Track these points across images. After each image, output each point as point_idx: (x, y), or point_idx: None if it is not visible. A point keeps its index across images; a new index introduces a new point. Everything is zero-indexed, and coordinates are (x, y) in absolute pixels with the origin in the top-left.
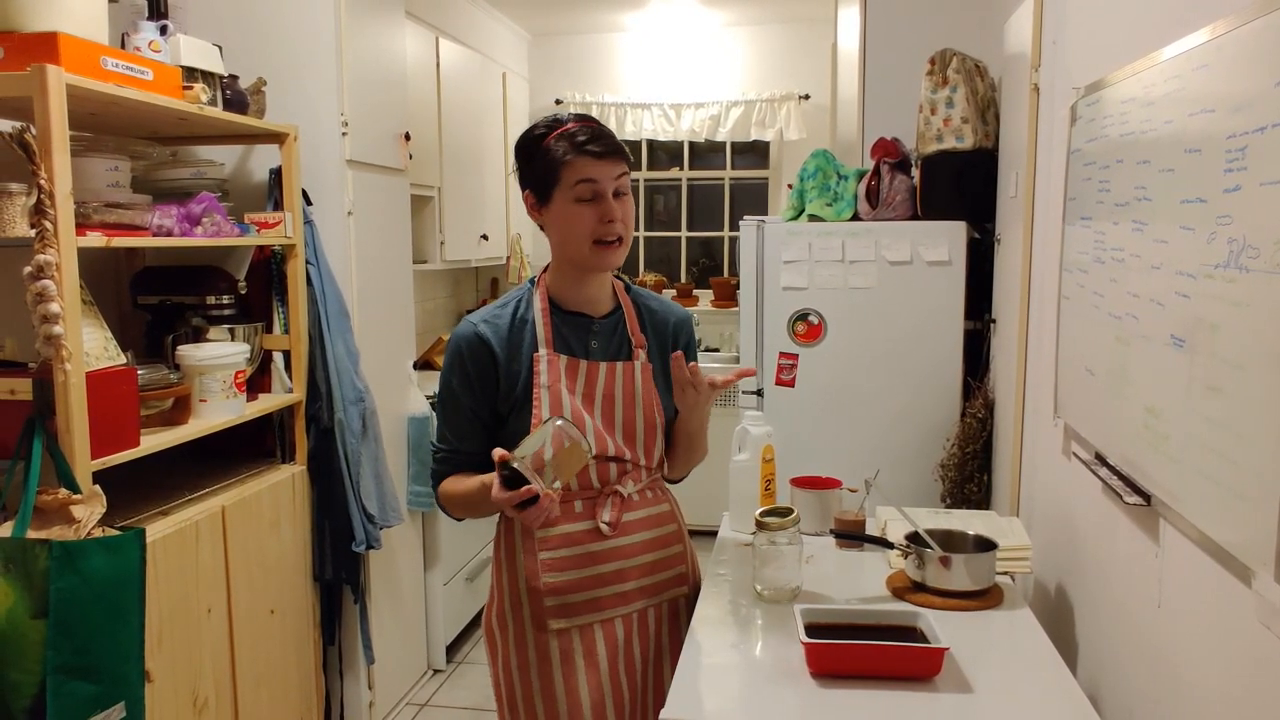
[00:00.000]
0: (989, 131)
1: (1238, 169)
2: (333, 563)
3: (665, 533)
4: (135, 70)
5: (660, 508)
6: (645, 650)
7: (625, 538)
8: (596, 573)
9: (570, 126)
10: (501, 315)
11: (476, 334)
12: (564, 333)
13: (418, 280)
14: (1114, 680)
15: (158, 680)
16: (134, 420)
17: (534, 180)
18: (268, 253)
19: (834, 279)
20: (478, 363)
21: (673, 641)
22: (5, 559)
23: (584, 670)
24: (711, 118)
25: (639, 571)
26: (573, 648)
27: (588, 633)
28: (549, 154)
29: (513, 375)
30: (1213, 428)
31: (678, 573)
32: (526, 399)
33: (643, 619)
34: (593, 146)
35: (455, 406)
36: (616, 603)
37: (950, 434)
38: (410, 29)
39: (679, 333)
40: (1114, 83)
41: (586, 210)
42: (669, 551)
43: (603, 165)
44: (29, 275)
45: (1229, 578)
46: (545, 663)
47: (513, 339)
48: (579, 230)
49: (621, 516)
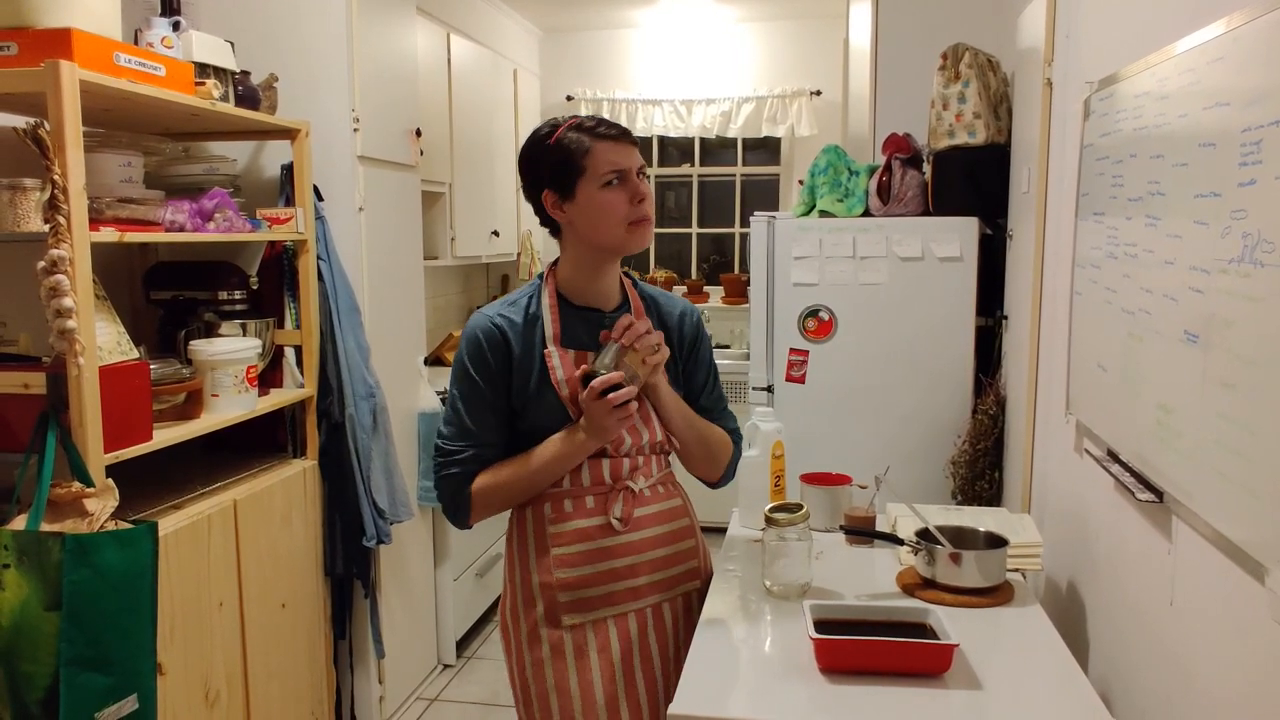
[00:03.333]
0: (1001, 127)
1: (1253, 163)
2: (343, 557)
3: (677, 527)
4: (148, 66)
5: (672, 502)
6: (662, 645)
7: (637, 532)
8: (609, 568)
9: (575, 119)
10: (515, 310)
11: (494, 325)
12: (575, 327)
13: (428, 276)
14: (1126, 678)
15: (170, 673)
16: (146, 414)
17: (552, 178)
18: (279, 248)
19: (845, 275)
20: (497, 354)
21: (689, 636)
22: (19, 552)
23: (598, 664)
24: (723, 114)
25: (651, 566)
26: (586, 642)
27: (601, 627)
28: (564, 147)
29: (525, 370)
30: (1226, 424)
31: (690, 567)
32: (539, 395)
33: (657, 613)
34: (608, 131)
35: (478, 397)
36: (629, 597)
37: (961, 431)
38: (422, 25)
39: (685, 323)
40: (1127, 77)
41: (615, 194)
42: (681, 546)
43: (623, 148)
44: (43, 270)
45: (1242, 575)
46: (559, 658)
47: (526, 334)
48: (613, 214)
49: (634, 512)
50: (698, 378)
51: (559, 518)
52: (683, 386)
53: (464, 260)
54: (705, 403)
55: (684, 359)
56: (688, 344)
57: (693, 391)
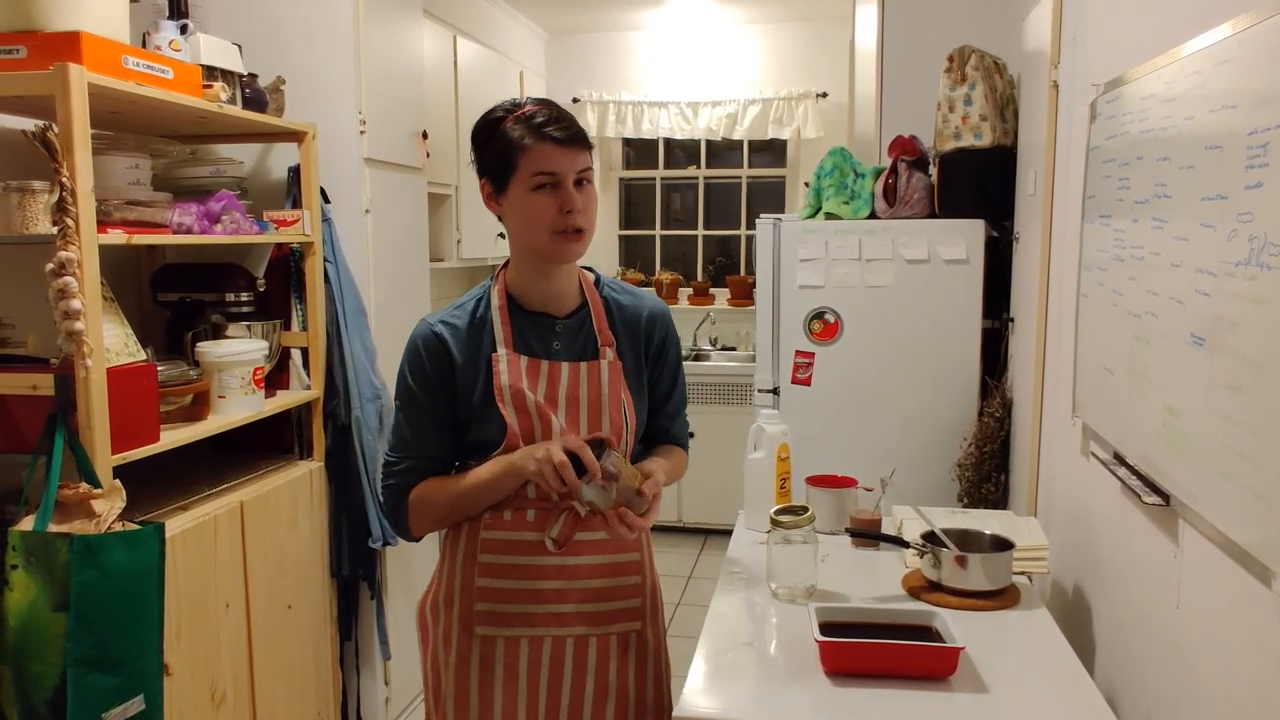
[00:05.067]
0: (1008, 129)
1: (1259, 165)
2: (349, 558)
3: (622, 561)
4: (156, 69)
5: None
6: (581, 681)
7: (574, 558)
8: (535, 587)
9: (528, 109)
10: (460, 316)
11: (434, 333)
12: (525, 333)
13: (434, 278)
14: (1132, 681)
15: (176, 673)
16: (154, 416)
17: (490, 168)
18: (286, 250)
19: (851, 277)
20: (436, 364)
21: (621, 680)
22: (27, 552)
23: (502, 681)
24: (729, 116)
25: (582, 595)
26: (494, 656)
27: (513, 645)
28: (505, 139)
29: (471, 378)
30: (1233, 427)
31: (629, 606)
32: (486, 403)
33: (581, 645)
34: (553, 131)
35: (417, 410)
36: (550, 622)
37: (967, 433)
38: (428, 28)
39: (652, 327)
40: (1134, 79)
41: (545, 199)
42: (622, 581)
43: (564, 153)
44: (51, 272)
45: (1249, 578)
46: (464, 665)
47: (471, 340)
48: (538, 220)
49: (573, 535)
50: (664, 384)
51: (494, 524)
52: (647, 392)
53: (470, 262)
54: (671, 409)
55: (650, 364)
56: (654, 349)
57: (657, 397)
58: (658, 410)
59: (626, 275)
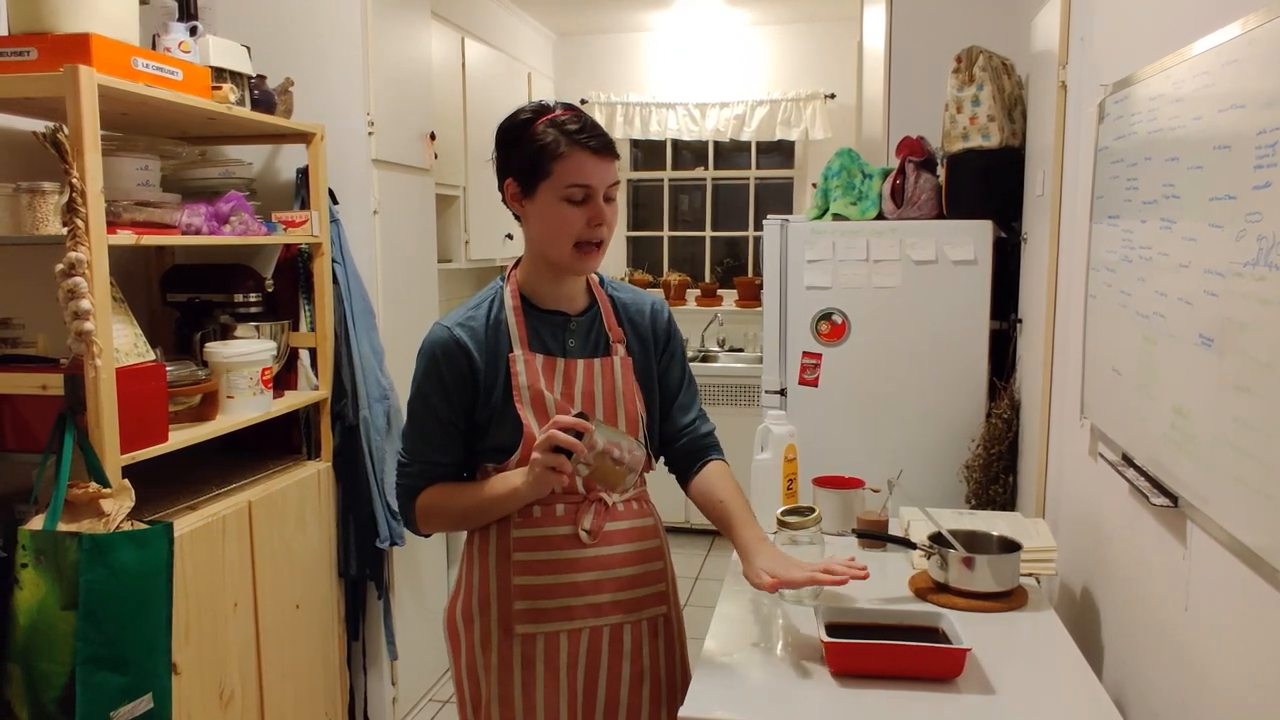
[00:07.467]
0: (1016, 130)
1: (1268, 165)
2: (357, 558)
3: (647, 547)
4: (165, 71)
5: (645, 521)
6: (617, 668)
7: (606, 548)
8: (571, 580)
9: (559, 114)
10: (476, 317)
11: (454, 339)
12: (539, 331)
13: (442, 279)
14: (1140, 684)
15: (185, 673)
16: (163, 416)
17: (519, 168)
18: (294, 251)
19: (858, 278)
20: (455, 370)
21: (654, 664)
22: (37, 551)
23: (543, 677)
24: (736, 117)
25: (616, 584)
26: (535, 654)
27: (553, 640)
28: (538, 141)
29: (492, 380)
30: (1241, 428)
31: (657, 590)
32: (506, 404)
33: (616, 634)
34: (588, 140)
35: (431, 417)
36: (589, 613)
37: (975, 435)
38: (436, 29)
39: (657, 321)
40: (1142, 79)
41: (575, 211)
42: (650, 567)
43: (598, 164)
44: (61, 272)
45: (1257, 580)
46: (506, 668)
47: (490, 341)
48: (564, 231)
49: (604, 525)
50: (673, 374)
51: (525, 523)
52: (658, 385)
53: (478, 263)
54: (684, 399)
55: (657, 357)
56: (660, 341)
57: (669, 389)
58: (672, 402)
59: (634, 276)
